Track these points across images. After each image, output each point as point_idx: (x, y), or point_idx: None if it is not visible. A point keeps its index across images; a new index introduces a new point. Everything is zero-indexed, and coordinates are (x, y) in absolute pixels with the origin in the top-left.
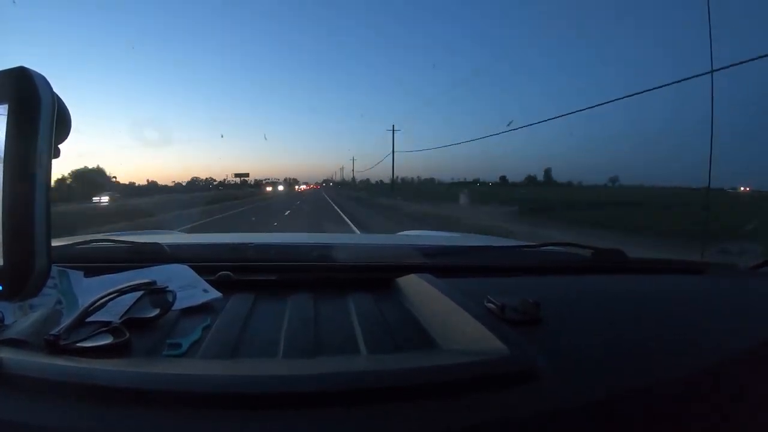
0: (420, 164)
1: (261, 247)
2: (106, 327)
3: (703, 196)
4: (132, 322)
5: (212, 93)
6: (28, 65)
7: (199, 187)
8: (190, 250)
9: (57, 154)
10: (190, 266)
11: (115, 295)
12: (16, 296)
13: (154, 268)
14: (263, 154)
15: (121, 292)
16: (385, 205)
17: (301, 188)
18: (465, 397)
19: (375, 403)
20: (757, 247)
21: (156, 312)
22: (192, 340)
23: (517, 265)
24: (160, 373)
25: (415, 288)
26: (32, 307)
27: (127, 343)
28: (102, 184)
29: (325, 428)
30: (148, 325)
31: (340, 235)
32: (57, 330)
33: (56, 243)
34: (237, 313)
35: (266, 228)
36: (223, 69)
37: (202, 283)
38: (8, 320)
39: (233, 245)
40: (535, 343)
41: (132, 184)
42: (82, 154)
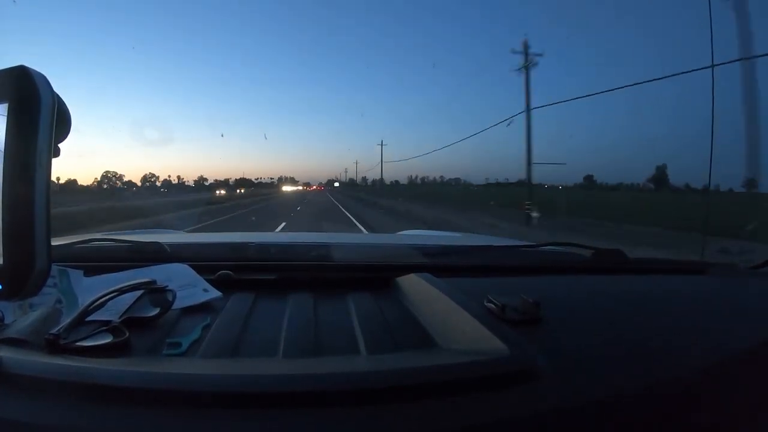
0: (442, 163)
1: (261, 247)
2: (106, 326)
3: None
4: (132, 322)
5: (211, 92)
6: (28, 65)
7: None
8: (190, 250)
9: (57, 154)
10: (190, 265)
11: (114, 295)
12: (16, 295)
13: (154, 268)
14: (262, 153)
15: (121, 292)
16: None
17: (302, 188)
18: (465, 397)
19: (375, 402)
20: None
21: (156, 311)
22: (192, 340)
23: (518, 265)
24: (160, 373)
25: (415, 288)
26: (32, 306)
27: (127, 343)
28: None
29: (325, 428)
30: (148, 325)
31: (341, 235)
32: (57, 329)
33: (56, 242)
34: (237, 312)
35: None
36: (223, 69)
37: (202, 283)
38: (8, 319)
39: (233, 244)
40: (535, 342)
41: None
42: (83, 155)
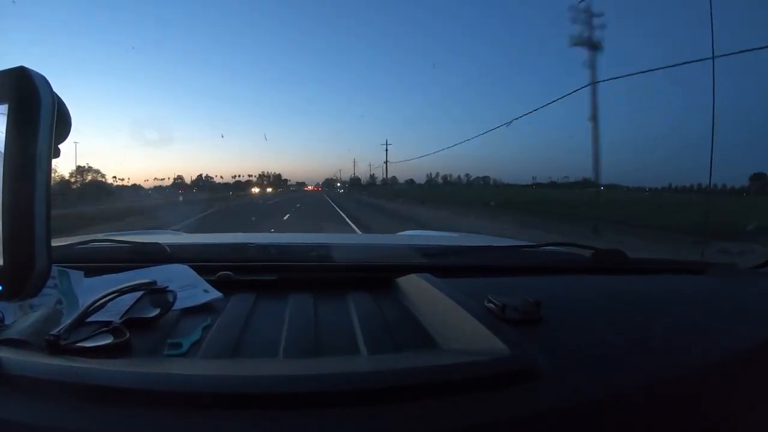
0: (468, 162)
1: (261, 247)
2: (107, 327)
3: None
4: (132, 322)
5: (209, 91)
6: (28, 65)
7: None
8: (191, 250)
9: (57, 154)
10: (191, 266)
11: (115, 295)
12: (16, 296)
13: (154, 268)
14: (262, 152)
15: (122, 292)
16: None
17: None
18: (465, 397)
19: (376, 403)
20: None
21: (156, 312)
22: (192, 340)
23: (518, 265)
24: (161, 373)
25: (416, 288)
26: (32, 307)
27: (128, 343)
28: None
29: (326, 428)
30: (149, 325)
31: (341, 235)
32: (57, 330)
33: (56, 243)
34: (237, 313)
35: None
36: (220, 67)
37: (202, 283)
38: (8, 320)
39: (233, 245)
40: (535, 342)
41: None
42: (82, 154)
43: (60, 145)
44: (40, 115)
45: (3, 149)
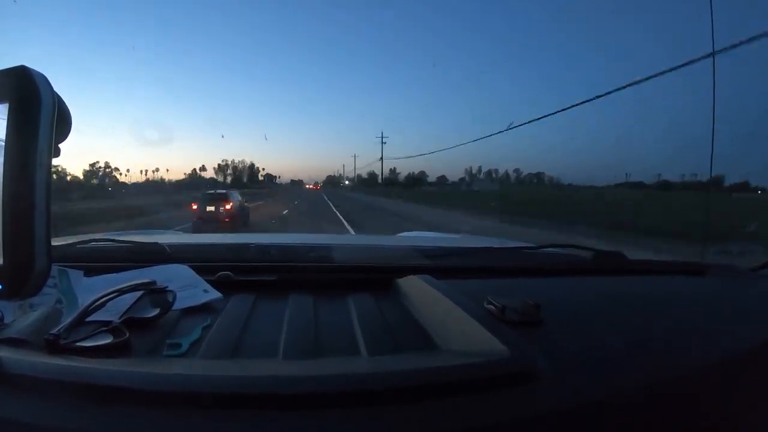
0: (513, 154)
1: (261, 248)
2: (106, 327)
3: None
4: (132, 322)
5: (206, 89)
6: (29, 65)
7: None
8: (191, 250)
9: (57, 154)
10: (190, 266)
11: (115, 295)
12: (16, 295)
13: (154, 268)
14: (261, 152)
15: (121, 292)
16: None
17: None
18: (465, 398)
19: (375, 404)
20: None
21: (156, 312)
22: (192, 340)
23: (518, 267)
24: (160, 373)
25: (416, 289)
26: (32, 306)
27: (127, 343)
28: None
29: (325, 429)
30: (148, 325)
31: (341, 236)
32: (57, 329)
33: (56, 242)
34: (237, 313)
35: None
36: (221, 67)
37: (202, 284)
38: (8, 319)
39: (233, 245)
40: (535, 344)
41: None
42: (82, 153)
43: (60, 145)
44: (41, 114)
45: (3, 149)
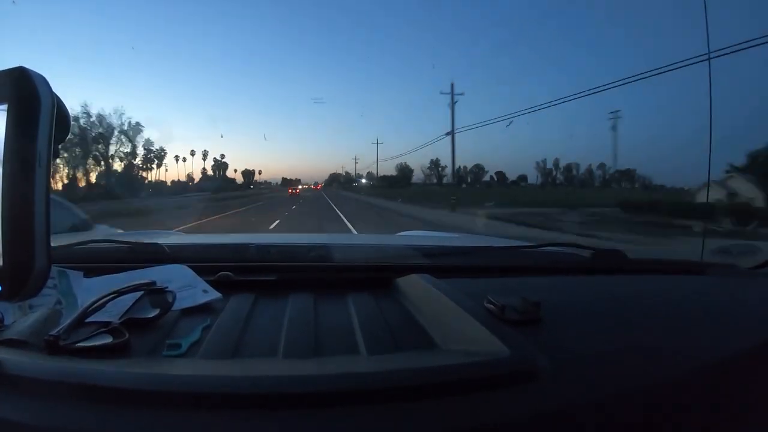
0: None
1: (261, 248)
2: (106, 327)
3: None
4: (131, 323)
5: (206, 88)
6: (28, 65)
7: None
8: (190, 251)
9: (57, 154)
10: (190, 266)
11: (114, 296)
12: (15, 296)
13: (153, 269)
14: (262, 151)
15: (121, 293)
16: None
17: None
18: (465, 398)
19: (375, 403)
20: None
21: (156, 312)
22: (192, 341)
23: (517, 266)
24: (160, 374)
25: (415, 288)
26: (32, 307)
27: (127, 344)
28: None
29: (325, 429)
30: (148, 326)
31: (340, 236)
32: (57, 330)
33: (56, 243)
34: (237, 313)
35: None
36: (220, 67)
37: (201, 284)
38: (8, 320)
39: (233, 245)
40: (535, 343)
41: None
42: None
43: (59, 145)
44: (40, 115)
45: (3, 149)
